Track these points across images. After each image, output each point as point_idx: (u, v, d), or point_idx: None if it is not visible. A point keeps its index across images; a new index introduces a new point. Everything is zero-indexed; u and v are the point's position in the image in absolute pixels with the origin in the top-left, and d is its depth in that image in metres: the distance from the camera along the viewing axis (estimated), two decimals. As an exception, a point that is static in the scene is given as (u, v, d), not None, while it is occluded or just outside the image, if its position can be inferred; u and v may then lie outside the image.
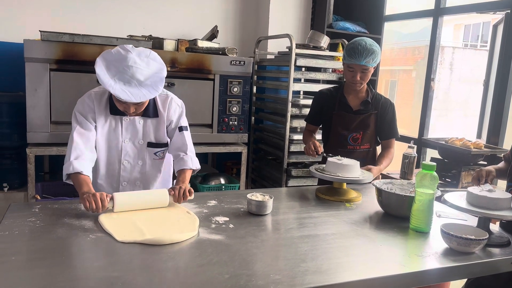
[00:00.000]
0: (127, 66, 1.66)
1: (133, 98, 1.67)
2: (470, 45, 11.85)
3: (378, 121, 2.40)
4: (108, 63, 1.68)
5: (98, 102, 1.85)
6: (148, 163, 1.97)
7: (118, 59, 1.68)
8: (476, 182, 1.80)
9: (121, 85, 1.66)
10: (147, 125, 1.91)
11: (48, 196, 3.00)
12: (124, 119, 1.88)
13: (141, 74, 1.68)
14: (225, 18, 3.97)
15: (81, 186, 1.66)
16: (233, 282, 1.16)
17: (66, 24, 3.30)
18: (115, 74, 1.66)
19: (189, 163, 1.94)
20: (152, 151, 1.96)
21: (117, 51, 1.70)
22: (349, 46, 2.28)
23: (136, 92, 1.67)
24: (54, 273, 1.16)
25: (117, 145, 1.90)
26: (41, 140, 2.73)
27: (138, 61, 1.68)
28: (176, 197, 1.71)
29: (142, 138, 1.92)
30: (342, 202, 1.98)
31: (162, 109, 1.92)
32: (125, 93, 1.65)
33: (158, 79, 1.72)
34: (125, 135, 1.89)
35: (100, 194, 1.57)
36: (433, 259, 1.41)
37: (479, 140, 3.08)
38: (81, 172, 1.71)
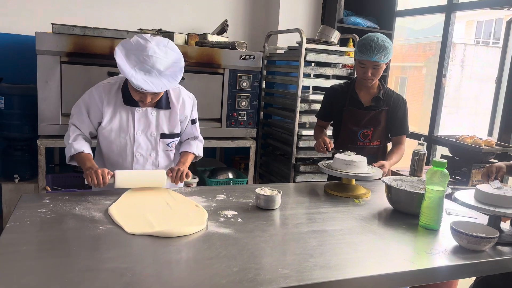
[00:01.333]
0: (147, 56, 1.65)
1: (154, 88, 1.66)
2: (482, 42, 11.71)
3: (389, 117, 2.38)
4: (128, 52, 1.68)
5: (107, 93, 1.85)
6: (160, 155, 1.98)
7: (137, 48, 1.67)
8: (486, 178, 1.78)
9: (142, 75, 1.65)
10: (160, 116, 1.91)
11: (58, 187, 3.03)
12: (137, 110, 1.87)
13: (161, 64, 1.68)
14: (235, 12, 3.96)
15: (85, 163, 1.77)
16: (241, 275, 1.16)
17: (77, 17, 3.31)
18: (135, 64, 1.66)
19: (193, 147, 2.01)
20: (165, 142, 1.97)
21: (137, 40, 1.69)
22: (360, 42, 2.26)
23: (156, 82, 1.67)
24: (64, 264, 1.17)
25: (130, 137, 1.90)
26: (51, 132, 2.75)
27: (157, 50, 1.68)
28: (173, 178, 1.79)
29: (155, 130, 1.92)
30: (351, 198, 1.97)
31: (175, 100, 1.92)
32: (147, 83, 1.65)
33: (177, 69, 1.73)
34: (138, 126, 1.89)
35: (101, 171, 1.67)
36: (442, 257, 1.40)
37: (491, 138, 3.05)
38: (83, 151, 1.80)
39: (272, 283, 1.13)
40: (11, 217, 1.46)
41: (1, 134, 3.04)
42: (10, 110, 2.93)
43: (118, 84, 1.87)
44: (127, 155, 1.92)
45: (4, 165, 3.10)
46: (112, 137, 1.89)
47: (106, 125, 1.87)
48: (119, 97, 1.86)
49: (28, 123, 2.96)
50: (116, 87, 1.87)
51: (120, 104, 1.86)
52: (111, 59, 2.75)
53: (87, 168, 1.72)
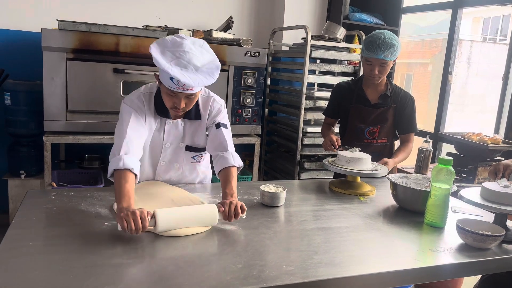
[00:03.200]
0: (183, 51, 1.58)
1: (191, 82, 1.55)
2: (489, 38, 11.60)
3: (396, 115, 2.37)
4: (163, 49, 1.60)
5: (147, 102, 1.77)
6: (185, 166, 1.92)
7: (173, 45, 1.61)
8: (493, 176, 1.77)
9: (178, 69, 1.56)
10: (187, 127, 1.85)
11: (63, 183, 3.05)
12: (168, 122, 1.81)
13: (197, 60, 1.59)
14: (240, 8, 3.95)
15: (122, 198, 1.43)
16: (246, 271, 1.16)
17: (82, 14, 3.32)
18: (171, 60, 1.58)
19: (230, 160, 1.79)
20: (190, 155, 1.90)
21: (172, 38, 1.63)
22: (367, 39, 2.24)
23: (193, 76, 1.56)
24: (70, 259, 1.18)
25: (159, 147, 1.84)
26: (57, 128, 2.76)
27: (193, 48, 1.61)
28: (226, 215, 1.47)
29: (181, 141, 1.86)
30: (356, 195, 1.97)
31: (203, 110, 1.84)
32: (184, 76, 1.54)
33: (214, 66, 1.63)
34: (167, 138, 1.83)
35: (140, 212, 1.32)
36: (447, 255, 1.39)
37: (497, 136, 3.03)
38: (132, 170, 1.55)
39: (277, 279, 1.14)
40: (17, 213, 1.47)
41: (8, 130, 3.05)
42: (16, 106, 2.95)
43: (153, 94, 1.80)
44: (153, 163, 1.87)
45: (10, 161, 3.12)
46: (146, 147, 1.81)
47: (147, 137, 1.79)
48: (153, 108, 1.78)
49: (34, 119, 2.97)
50: (153, 97, 1.79)
51: (155, 115, 1.79)
52: (116, 55, 2.80)
53: (122, 208, 1.37)
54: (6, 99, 2.95)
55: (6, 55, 3.18)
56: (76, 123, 2.79)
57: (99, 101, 2.81)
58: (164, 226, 1.37)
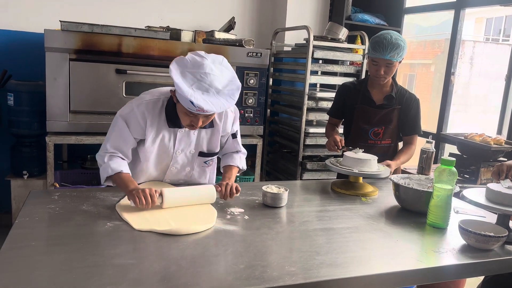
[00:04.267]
0: (205, 73, 1.55)
1: (214, 108, 1.53)
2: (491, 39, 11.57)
3: (401, 116, 2.36)
4: (183, 70, 1.57)
5: (151, 112, 1.71)
6: (196, 170, 1.92)
7: (193, 66, 1.57)
8: (496, 177, 1.76)
9: (200, 94, 1.53)
10: (201, 136, 1.83)
11: (66, 184, 3.05)
12: (180, 131, 1.77)
13: (219, 82, 1.57)
14: (243, 9, 3.95)
15: (127, 184, 1.62)
16: (248, 272, 1.16)
17: (85, 14, 3.33)
18: (192, 83, 1.54)
19: (236, 160, 1.93)
20: (202, 160, 1.90)
21: (192, 57, 1.59)
22: (374, 40, 2.23)
23: (215, 101, 1.54)
24: (72, 259, 1.18)
25: (168, 155, 1.82)
26: (60, 129, 2.77)
27: (214, 68, 1.58)
28: (222, 194, 1.67)
29: (194, 148, 1.84)
30: (358, 196, 1.97)
31: (218, 119, 1.83)
32: (207, 103, 1.52)
33: (234, 87, 1.61)
34: (178, 146, 1.80)
35: (149, 190, 1.53)
36: (450, 255, 1.39)
37: (500, 136, 3.02)
38: (121, 171, 1.67)
39: (279, 280, 1.14)
40: (20, 213, 1.47)
41: (10, 131, 3.06)
42: (19, 107, 2.95)
43: (162, 102, 1.74)
44: (162, 168, 1.86)
45: (13, 161, 3.13)
46: (152, 156, 1.80)
47: (149, 146, 1.76)
48: (163, 118, 1.73)
49: (37, 120, 2.98)
50: (160, 105, 1.73)
51: (164, 124, 1.74)
52: (119, 56, 2.80)
53: (132, 189, 1.57)
54: (9, 99, 2.96)
55: (9, 55, 3.19)
56: (79, 123, 2.80)
57: (102, 102, 2.82)
58: (170, 203, 1.58)
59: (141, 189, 1.54)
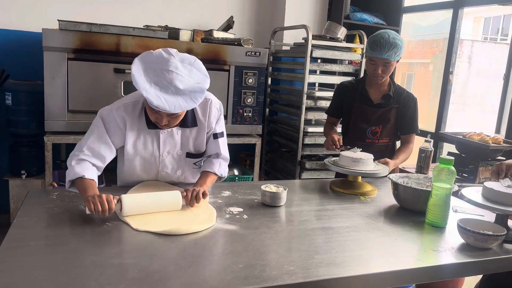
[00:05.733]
0: (167, 70, 1.50)
1: (167, 107, 1.48)
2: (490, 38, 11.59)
3: (398, 115, 2.37)
4: (147, 65, 1.52)
5: (130, 115, 1.68)
6: (187, 172, 1.87)
7: (158, 61, 1.52)
8: (496, 176, 1.76)
9: (156, 91, 1.48)
10: (186, 135, 1.78)
11: (64, 184, 3.04)
12: (162, 132, 1.73)
13: (181, 81, 1.50)
14: (241, 8, 3.95)
15: (86, 190, 1.51)
16: (247, 271, 1.16)
17: (83, 14, 3.32)
18: (152, 78, 1.50)
19: (215, 166, 1.81)
20: (191, 161, 1.84)
21: (159, 53, 1.54)
22: (371, 39, 2.24)
23: (171, 100, 1.49)
24: (70, 259, 1.18)
25: (155, 159, 1.77)
26: (58, 128, 2.76)
27: (180, 67, 1.52)
28: (188, 200, 1.58)
29: (180, 148, 1.79)
30: (357, 195, 1.97)
31: (202, 117, 1.77)
32: (159, 100, 1.47)
33: (198, 90, 1.54)
34: (163, 148, 1.76)
35: (106, 196, 1.43)
36: (449, 254, 1.39)
37: (498, 135, 3.03)
38: (83, 176, 1.56)
39: (278, 279, 1.14)
40: (19, 213, 1.47)
41: (9, 130, 3.06)
42: (17, 106, 2.95)
43: (141, 104, 1.70)
44: (151, 173, 1.81)
45: (11, 161, 3.13)
46: (136, 160, 1.76)
47: (130, 149, 1.72)
48: (143, 120, 1.69)
49: (35, 119, 2.97)
50: (140, 107, 1.69)
51: (144, 127, 1.70)
52: (117, 55, 2.80)
53: (89, 195, 1.46)
54: (7, 99, 2.95)
55: (7, 55, 3.18)
56: (77, 123, 2.79)
57: (100, 101, 2.81)
58: (129, 210, 1.47)
59: (97, 195, 1.43)
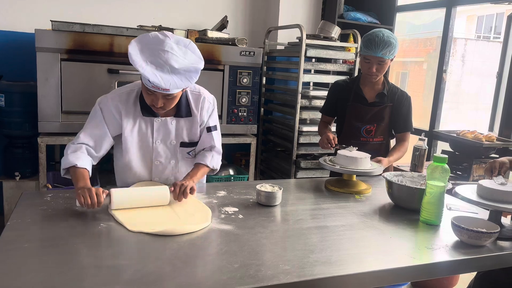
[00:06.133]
0: (162, 50, 1.54)
1: (162, 83, 1.52)
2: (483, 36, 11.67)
3: (393, 114, 2.38)
4: (143, 46, 1.56)
5: (124, 103, 1.75)
6: (181, 163, 1.90)
7: (154, 42, 1.56)
8: (489, 174, 1.77)
9: (152, 68, 1.53)
10: (180, 125, 1.83)
11: (59, 185, 3.03)
12: (156, 120, 1.79)
13: (176, 61, 1.55)
14: (235, 8, 3.94)
15: (77, 180, 1.57)
16: (242, 271, 1.16)
17: (76, 14, 3.31)
18: (148, 57, 1.54)
19: (207, 159, 1.86)
20: (185, 151, 1.89)
21: (155, 35, 1.58)
22: (366, 37, 2.25)
23: (167, 78, 1.53)
24: (65, 261, 1.17)
25: (148, 146, 1.82)
26: (52, 129, 2.75)
27: (176, 48, 1.57)
28: (175, 194, 1.62)
29: (174, 138, 1.84)
30: (352, 194, 1.97)
31: (195, 108, 1.83)
32: (155, 76, 1.51)
33: (193, 69, 1.59)
34: (157, 136, 1.81)
35: (96, 189, 1.48)
36: (443, 252, 1.40)
37: (491, 133, 3.05)
38: (76, 165, 1.62)
39: (273, 279, 1.14)
40: (12, 215, 1.46)
41: (2, 132, 3.04)
42: (10, 107, 2.93)
43: (136, 92, 1.76)
44: (146, 163, 1.85)
45: (5, 162, 3.11)
46: (132, 148, 1.81)
47: (127, 137, 1.77)
48: (138, 107, 1.76)
49: (29, 121, 2.96)
50: (134, 95, 1.76)
51: (139, 114, 1.77)
52: (111, 56, 2.79)
53: (79, 187, 1.53)
54: (0, 100, 2.93)
55: (0, 56, 3.16)
56: (71, 124, 2.78)
57: (94, 102, 2.78)
58: (118, 204, 1.52)
59: (87, 188, 1.49)
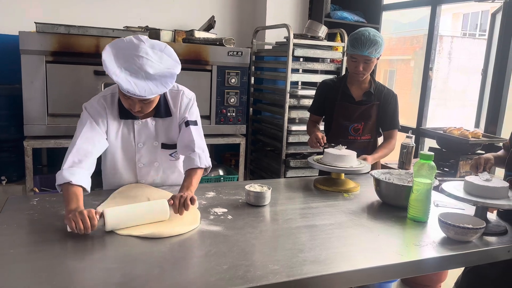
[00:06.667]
0: (137, 56, 1.52)
1: (137, 90, 1.50)
2: (468, 34, 11.81)
3: (380, 112, 2.40)
4: (118, 51, 1.54)
5: (109, 106, 1.73)
6: (164, 165, 1.89)
7: (128, 47, 1.54)
8: (475, 170, 1.80)
9: (126, 75, 1.51)
10: (159, 126, 1.81)
11: (46, 189, 3.00)
12: (136, 123, 1.77)
13: (151, 67, 1.53)
14: (222, 8, 3.94)
15: (69, 202, 1.45)
16: (231, 272, 1.16)
17: (62, 16, 3.27)
18: (122, 63, 1.52)
19: (196, 161, 1.77)
20: (167, 153, 1.87)
21: (130, 39, 1.56)
22: (352, 37, 2.27)
23: (141, 84, 1.51)
24: (52, 265, 1.16)
25: (131, 149, 1.81)
26: (38, 133, 2.71)
27: (151, 53, 1.55)
28: (176, 208, 1.51)
29: (156, 140, 1.83)
30: (340, 192, 1.99)
31: (173, 107, 1.81)
32: (129, 83, 1.49)
33: (168, 75, 1.56)
34: (138, 138, 1.80)
35: (88, 212, 1.35)
36: (430, 248, 1.41)
37: (477, 129, 3.08)
38: (70, 182, 1.51)
39: (262, 279, 1.14)
40: (-2, 220, 1.44)
41: (-13, 136, 2.99)
42: (-5, 111, 2.89)
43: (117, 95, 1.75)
44: (130, 166, 1.84)
45: (-10, 167, 3.06)
46: (117, 152, 1.80)
47: (112, 140, 1.77)
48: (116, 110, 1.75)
49: (14, 124, 2.91)
50: (117, 98, 1.75)
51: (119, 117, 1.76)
52: (97, 57, 2.74)
53: (70, 210, 1.40)
54: (-16, 103, 2.89)
55: (-16, 59, 3.12)
56: (58, 126, 2.75)
57: (81, 104, 2.72)
58: (113, 225, 1.40)
59: (79, 212, 1.35)
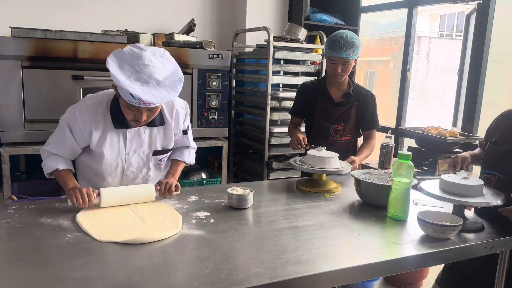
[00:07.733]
0: (143, 65, 1.52)
1: (154, 99, 1.51)
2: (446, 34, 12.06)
3: (359, 112, 2.44)
4: (121, 62, 1.54)
5: (94, 116, 1.70)
6: (151, 169, 1.91)
7: (132, 57, 1.54)
8: (452, 169, 1.84)
9: (139, 85, 1.50)
10: (153, 134, 1.82)
11: (25, 196, 2.93)
12: (129, 131, 1.76)
13: (159, 73, 1.54)
14: (202, 11, 3.93)
15: (66, 182, 1.68)
16: (214, 276, 1.16)
17: (38, 20, 3.21)
18: (130, 74, 1.51)
19: (185, 155, 1.98)
20: (157, 158, 1.90)
21: (130, 49, 1.56)
22: (330, 39, 2.31)
23: (155, 92, 1.52)
24: (32, 274, 1.14)
25: (121, 158, 1.81)
26: (15, 139, 2.66)
27: (154, 60, 1.55)
28: (161, 192, 1.72)
29: (147, 148, 1.83)
30: (322, 193, 2.00)
31: (169, 116, 1.83)
32: (146, 94, 1.49)
33: (177, 79, 1.59)
34: (129, 147, 1.79)
35: (86, 189, 1.58)
36: (410, 247, 1.44)
37: (455, 129, 3.15)
38: (57, 169, 1.72)
39: (245, 282, 1.14)
40: (-27, 230, 1.40)
41: (-38, 143, 2.91)
42: (-30, 118, 2.81)
43: (105, 104, 1.72)
44: (117, 173, 1.84)
45: (-34, 175, 2.98)
46: (102, 159, 1.78)
47: (96, 148, 1.75)
48: (108, 119, 1.72)
49: (-10, 131, 2.84)
50: (103, 107, 1.71)
51: (110, 126, 1.73)
52: (74, 62, 2.72)
53: (70, 188, 1.62)
54: (-42, 110, 2.81)
55: (-43, 64, 3.03)
56: (35, 133, 2.69)
57: (59, 109, 2.69)
58: (108, 202, 1.62)
59: (78, 189, 1.59)
